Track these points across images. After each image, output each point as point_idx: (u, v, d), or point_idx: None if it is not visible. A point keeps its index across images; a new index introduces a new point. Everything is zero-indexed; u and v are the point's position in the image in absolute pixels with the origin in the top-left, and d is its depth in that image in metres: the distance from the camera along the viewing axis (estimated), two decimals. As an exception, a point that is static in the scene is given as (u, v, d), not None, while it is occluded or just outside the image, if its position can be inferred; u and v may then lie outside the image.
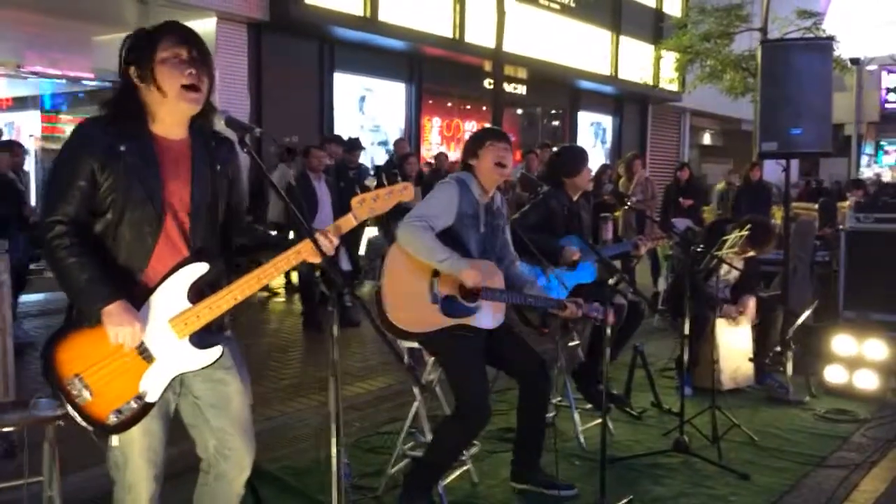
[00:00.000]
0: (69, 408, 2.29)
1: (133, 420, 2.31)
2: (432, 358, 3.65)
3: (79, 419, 2.30)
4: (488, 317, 3.55)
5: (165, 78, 2.29)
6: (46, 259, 2.29)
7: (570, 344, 4.97)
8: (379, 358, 6.30)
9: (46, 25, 10.62)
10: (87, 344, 2.27)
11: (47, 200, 2.31)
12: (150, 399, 2.32)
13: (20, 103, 14.10)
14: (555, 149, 10.84)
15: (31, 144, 13.34)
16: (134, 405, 2.30)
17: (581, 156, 4.84)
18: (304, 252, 2.36)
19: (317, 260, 2.36)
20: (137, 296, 2.31)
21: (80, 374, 2.27)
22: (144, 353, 2.30)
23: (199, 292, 2.36)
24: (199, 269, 2.36)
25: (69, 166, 2.28)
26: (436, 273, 3.45)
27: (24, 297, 7.54)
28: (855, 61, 10.05)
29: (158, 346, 2.32)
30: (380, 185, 3.15)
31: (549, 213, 4.63)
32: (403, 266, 3.46)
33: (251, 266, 2.41)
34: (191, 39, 2.35)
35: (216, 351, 2.39)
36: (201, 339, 2.37)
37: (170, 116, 2.35)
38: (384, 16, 11.78)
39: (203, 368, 2.39)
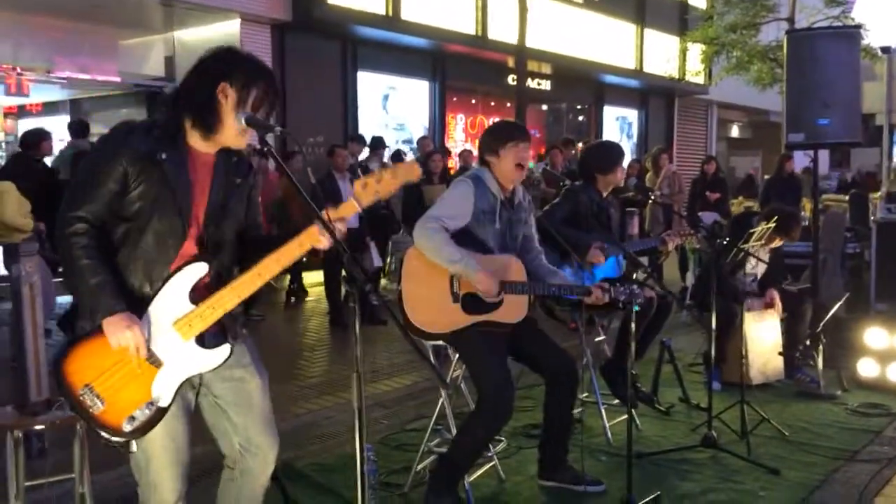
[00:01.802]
0: (84, 418, 2.29)
1: (148, 425, 2.31)
2: (458, 355, 3.65)
3: (95, 429, 2.29)
4: (511, 310, 3.54)
5: (235, 124, 2.34)
6: (60, 251, 2.28)
7: (597, 339, 4.95)
8: (405, 356, 6.33)
9: (74, 30, 10.78)
10: (95, 353, 2.27)
11: (73, 195, 2.29)
12: (162, 404, 2.31)
13: (51, 108, 14.32)
14: (580, 144, 10.83)
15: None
16: (147, 411, 2.29)
17: (616, 152, 4.80)
18: (307, 242, 2.32)
19: (323, 246, 2.32)
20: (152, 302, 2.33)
21: (91, 383, 2.26)
22: (152, 359, 2.29)
23: (201, 293, 2.35)
24: (199, 269, 2.34)
25: (102, 166, 2.27)
26: None
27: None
28: (886, 50, 9.84)
29: (165, 349, 2.31)
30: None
31: (578, 208, 4.60)
32: (422, 267, 3.45)
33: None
34: (274, 98, 2.41)
35: (225, 350, 2.38)
36: (209, 339, 2.37)
37: (231, 139, 2.39)
38: (406, 14, 11.80)
39: (217, 368, 2.39)
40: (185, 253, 2.36)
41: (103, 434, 2.29)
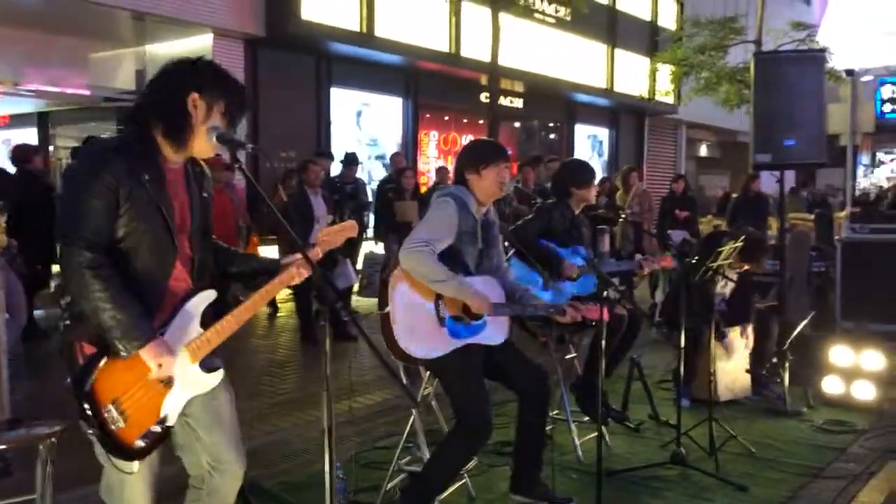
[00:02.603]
0: (98, 436, 2.27)
1: (155, 444, 2.37)
2: (428, 372, 3.64)
3: (107, 448, 2.29)
4: (495, 332, 3.54)
5: (207, 137, 2.38)
6: (76, 288, 2.25)
7: (567, 357, 4.97)
8: (375, 372, 6.30)
9: (44, 42, 10.66)
10: (122, 370, 2.29)
11: (69, 220, 2.27)
12: (170, 423, 2.38)
13: (18, 121, 14.15)
14: (551, 162, 10.90)
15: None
16: (157, 429, 2.35)
17: (590, 170, 4.90)
18: (288, 280, 2.50)
19: (298, 281, 2.50)
20: (157, 317, 2.36)
21: (118, 398, 2.29)
22: (167, 379, 2.35)
23: (205, 318, 2.43)
24: (209, 295, 2.44)
25: (91, 184, 2.25)
26: (440, 295, 3.43)
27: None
28: (850, 72, 10.06)
29: (176, 371, 2.37)
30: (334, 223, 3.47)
31: (551, 224, 4.65)
32: (408, 290, 3.42)
33: (249, 292, 2.51)
34: (242, 108, 2.48)
35: (220, 373, 2.48)
36: (205, 362, 2.44)
37: (200, 150, 2.43)
38: (381, 31, 11.83)
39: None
40: (176, 271, 2.41)
41: (111, 454, 2.29)
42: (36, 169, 7.61)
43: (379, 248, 9.58)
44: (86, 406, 2.24)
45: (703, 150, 25.14)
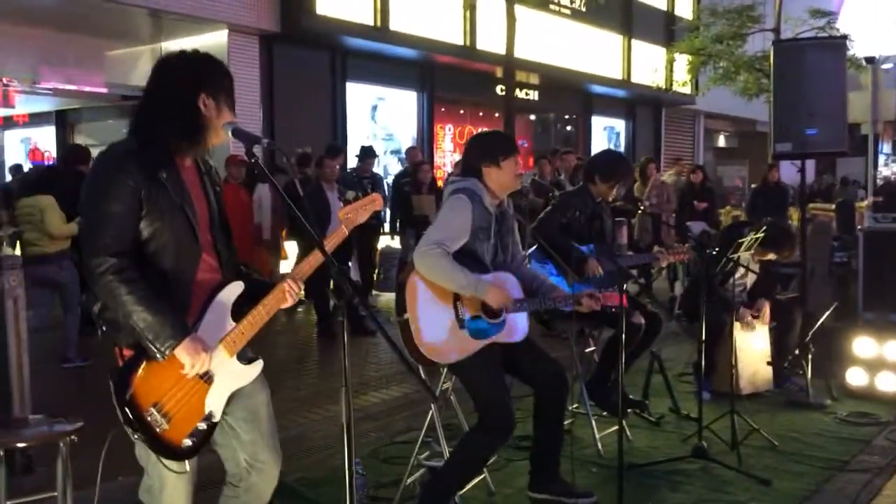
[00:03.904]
0: (144, 440, 2.28)
1: (203, 441, 2.38)
2: (446, 370, 3.62)
3: (155, 450, 2.30)
4: (515, 330, 3.51)
5: (223, 132, 2.39)
6: (105, 295, 2.26)
7: (587, 350, 4.93)
8: (394, 367, 6.29)
9: (61, 41, 10.73)
10: (160, 372, 2.30)
11: (92, 226, 2.27)
12: (215, 419, 2.39)
13: (37, 119, 14.26)
14: (566, 153, 10.84)
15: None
16: (203, 426, 2.36)
17: (620, 169, 4.81)
18: (277, 305, 2.45)
19: (288, 304, 2.49)
20: (190, 312, 2.37)
21: (159, 402, 2.29)
22: (205, 376, 2.35)
23: (236, 310, 2.43)
24: (237, 288, 2.44)
25: (112, 189, 2.25)
26: (458, 296, 3.39)
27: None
28: (870, 60, 9.92)
29: (214, 366, 2.37)
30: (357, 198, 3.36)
31: (572, 216, 4.62)
32: (426, 293, 3.37)
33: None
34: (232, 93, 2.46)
35: (259, 364, 2.50)
36: (242, 354, 2.46)
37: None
38: (395, 25, 11.81)
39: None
40: (205, 266, 2.43)
41: (161, 456, 2.31)
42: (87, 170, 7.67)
43: (395, 243, 9.58)
44: (127, 411, 2.24)
45: (722, 141, 24.95)
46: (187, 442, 2.32)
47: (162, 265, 2.33)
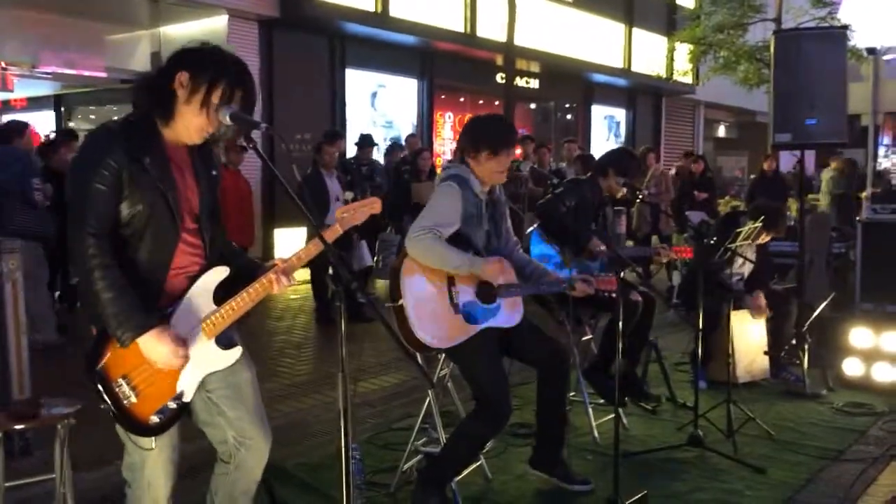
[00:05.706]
0: (110, 411, 2.30)
1: (171, 421, 2.38)
2: (443, 354, 3.63)
3: (121, 423, 2.33)
4: (510, 314, 3.52)
5: (202, 116, 2.32)
6: (81, 273, 2.28)
7: (584, 338, 4.95)
8: (392, 354, 6.30)
9: (60, 25, 10.69)
10: (133, 346, 2.29)
11: (76, 208, 2.28)
12: (186, 399, 2.40)
13: (35, 103, 14.21)
14: (567, 141, 10.82)
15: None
16: (173, 405, 2.37)
17: (633, 165, 4.90)
18: (264, 291, 2.43)
19: (277, 290, 2.45)
20: (165, 295, 2.37)
21: (128, 374, 2.31)
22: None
23: (219, 294, 2.43)
24: (221, 272, 2.45)
25: (94, 172, 2.25)
26: (452, 282, 3.40)
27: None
28: (871, 51, 9.89)
29: (191, 347, 2.38)
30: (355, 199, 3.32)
31: (582, 201, 4.68)
32: (420, 279, 3.37)
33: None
34: (248, 88, 2.39)
35: (237, 350, 2.49)
36: (222, 338, 2.45)
37: (185, 131, 2.38)
38: (395, 11, 11.76)
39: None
40: (185, 242, 2.41)
41: (127, 430, 2.33)
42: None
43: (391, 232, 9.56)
44: (97, 381, 2.28)
45: (722, 131, 24.91)
46: (154, 419, 2.33)
47: (139, 248, 2.33)
